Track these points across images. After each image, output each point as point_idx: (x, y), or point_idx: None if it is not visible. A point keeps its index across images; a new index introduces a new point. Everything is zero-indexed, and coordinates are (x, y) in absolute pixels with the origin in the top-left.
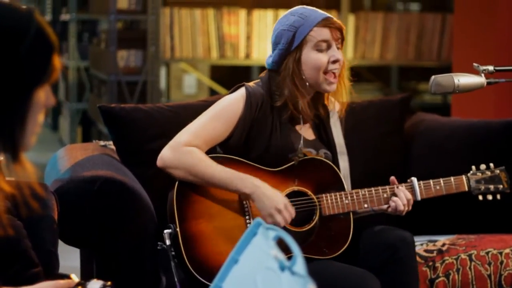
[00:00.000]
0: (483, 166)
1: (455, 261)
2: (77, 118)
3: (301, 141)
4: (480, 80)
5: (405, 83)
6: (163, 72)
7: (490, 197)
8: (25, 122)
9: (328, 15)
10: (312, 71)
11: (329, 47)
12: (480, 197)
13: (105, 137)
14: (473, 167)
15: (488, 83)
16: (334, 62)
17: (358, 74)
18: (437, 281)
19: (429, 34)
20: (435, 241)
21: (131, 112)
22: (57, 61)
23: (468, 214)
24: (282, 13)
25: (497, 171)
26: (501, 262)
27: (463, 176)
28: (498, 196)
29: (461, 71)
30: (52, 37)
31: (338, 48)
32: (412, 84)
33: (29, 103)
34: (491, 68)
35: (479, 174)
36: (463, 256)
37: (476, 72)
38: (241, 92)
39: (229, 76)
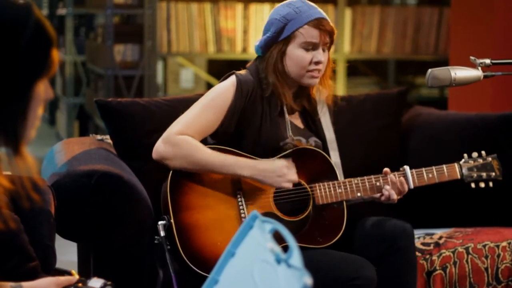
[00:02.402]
0: (475, 154)
1: (452, 254)
2: (74, 113)
3: (290, 130)
4: (477, 73)
5: (402, 77)
6: (160, 66)
7: (482, 184)
8: (27, 116)
9: (323, 16)
10: (294, 66)
11: (315, 48)
12: (473, 185)
13: (102, 131)
14: (465, 155)
15: (485, 76)
16: (316, 63)
17: (355, 68)
18: (434, 274)
19: (426, 27)
20: (432, 234)
21: (128, 106)
22: (56, 55)
23: (465, 207)
24: None
25: (489, 159)
26: (498, 255)
27: (455, 164)
28: (491, 184)
29: (458, 65)
30: (51, 30)
31: (324, 51)
32: (409, 77)
33: (30, 96)
34: (488, 61)
35: (471, 162)
36: (460, 249)
37: (473, 66)
38: (231, 80)
39: (226, 70)
